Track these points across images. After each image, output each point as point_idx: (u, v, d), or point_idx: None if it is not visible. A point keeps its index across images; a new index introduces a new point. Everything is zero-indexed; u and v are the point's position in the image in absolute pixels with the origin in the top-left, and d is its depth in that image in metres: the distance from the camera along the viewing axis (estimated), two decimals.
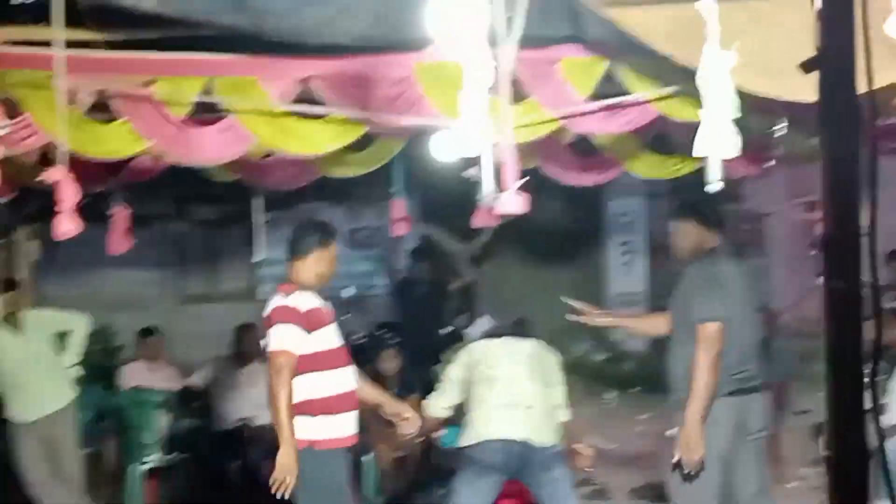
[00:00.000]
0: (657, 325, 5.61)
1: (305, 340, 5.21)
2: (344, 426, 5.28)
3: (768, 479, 5.50)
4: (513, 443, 5.67)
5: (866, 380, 2.19)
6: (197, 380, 9.58)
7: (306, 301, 5.27)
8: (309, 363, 5.23)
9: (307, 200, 12.79)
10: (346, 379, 5.38)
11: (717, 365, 5.11)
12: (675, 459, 5.17)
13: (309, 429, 5.18)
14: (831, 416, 2.20)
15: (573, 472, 5.97)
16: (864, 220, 2.18)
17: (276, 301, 5.24)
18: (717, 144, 5.29)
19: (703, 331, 5.15)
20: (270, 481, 5.07)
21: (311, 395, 5.22)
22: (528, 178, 6.01)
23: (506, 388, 5.78)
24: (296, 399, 5.13)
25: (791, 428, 9.84)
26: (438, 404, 6.04)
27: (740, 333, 5.21)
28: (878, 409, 2.23)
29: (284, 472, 5.02)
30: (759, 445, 5.33)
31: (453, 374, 6.01)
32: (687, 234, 5.49)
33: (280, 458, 5.04)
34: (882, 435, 2.39)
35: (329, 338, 5.34)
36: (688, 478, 5.16)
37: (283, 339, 5.13)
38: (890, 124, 5.74)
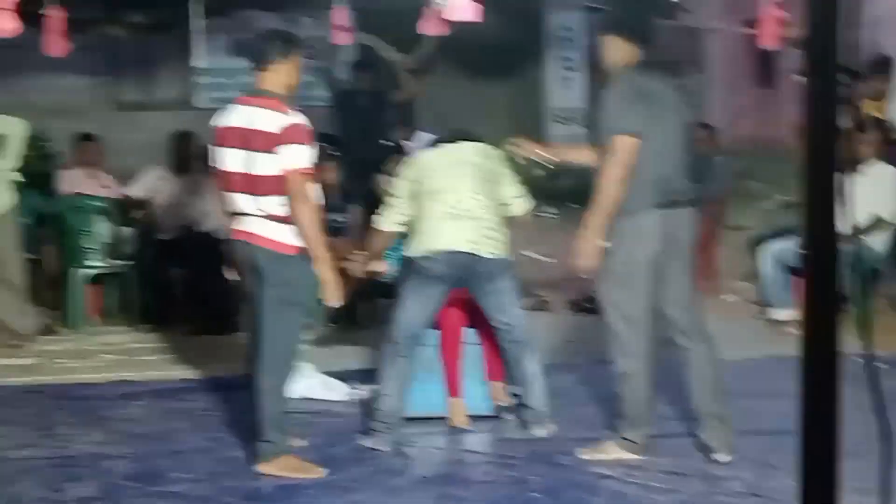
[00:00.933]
0: (588, 154, 5.63)
1: (310, 157, 5.30)
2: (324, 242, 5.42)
3: (696, 291, 5.61)
4: (458, 254, 5.73)
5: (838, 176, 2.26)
6: (137, 191, 9.52)
7: (302, 118, 5.29)
8: None
9: (245, 7, 12.56)
10: (318, 193, 5.47)
11: (624, 179, 5.15)
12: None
13: (300, 236, 5.28)
14: (807, 213, 2.28)
15: (518, 281, 6.06)
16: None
17: (279, 119, 5.21)
18: None
19: (615, 143, 5.19)
20: (322, 300, 5.36)
21: None
22: None
23: (452, 199, 5.81)
24: (287, 212, 5.26)
25: (726, 243, 10.05)
26: (389, 219, 6.07)
27: (666, 147, 5.25)
28: (847, 204, 2.30)
29: (332, 287, 5.29)
30: (686, 258, 5.42)
31: (401, 188, 6.02)
32: (613, 48, 5.47)
33: (323, 276, 5.27)
34: (855, 232, 2.48)
35: (314, 155, 5.38)
36: (619, 290, 5.27)
37: (302, 159, 5.20)
38: None
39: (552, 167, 5.82)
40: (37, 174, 11.41)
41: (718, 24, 18.73)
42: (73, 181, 9.66)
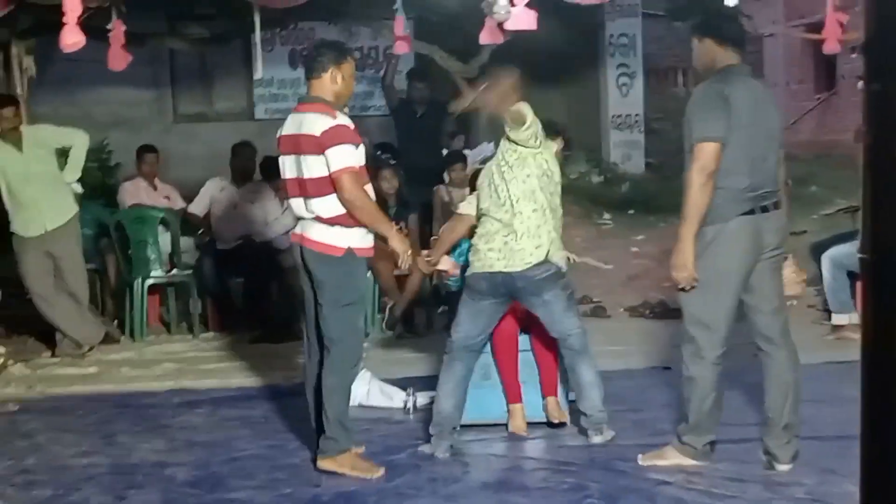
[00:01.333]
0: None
1: (356, 156, 5.40)
2: (370, 237, 5.52)
3: (783, 297, 5.56)
4: (495, 274, 5.75)
5: None
6: (197, 208, 9.62)
7: (349, 121, 5.42)
8: None
9: (303, 18, 12.61)
10: (371, 193, 5.55)
11: (709, 186, 5.10)
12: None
13: (347, 237, 5.41)
14: (868, 218, 2.26)
15: (573, 287, 6.03)
16: None
17: (326, 121, 5.32)
18: None
19: (697, 150, 5.13)
20: (399, 262, 5.59)
21: None
22: None
23: (505, 217, 5.78)
24: (336, 212, 5.38)
25: (787, 248, 9.96)
26: (471, 207, 6.11)
27: (751, 153, 5.19)
28: None
29: (403, 249, 5.54)
30: (777, 263, 5.37)
31: (482, 185, 6.00)
32: (705, 52, 5.44)
33: (393, 244, 5.50)
34: None
35: (362, 154, 5.46)
36: (702, 297, 5.21)
37: (346, 158, 5.32)
38: None
39: (616, 168, 5.74)
40: (98, 185, 11.60)
41: (779, 29, 18.59)
42: (134, 192, 9.78)
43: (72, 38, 5.29)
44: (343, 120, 5.38)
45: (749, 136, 5.15)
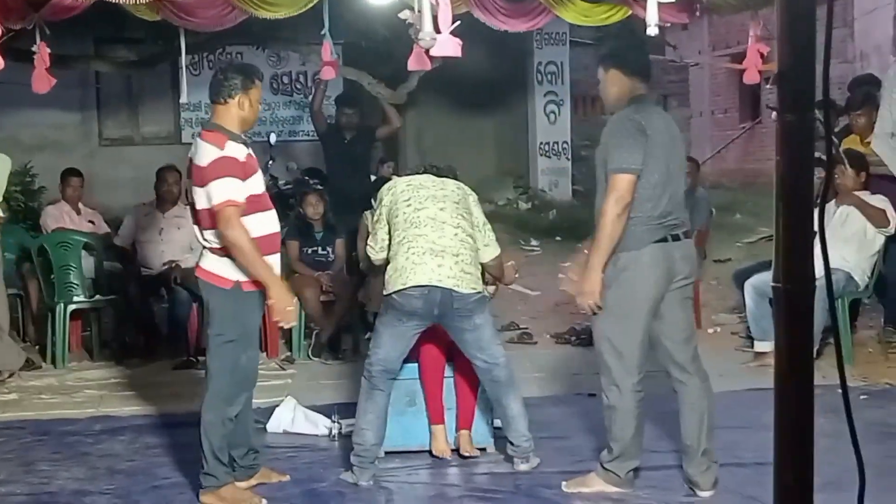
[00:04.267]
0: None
1: (241, 189, 5.23)
2: (269, 265, 5.32)
3: (693, 326, 5.63)
4: (436, 289, 5.68)
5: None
6: (122, 241, 9.52)
7: (239, 151, 5.26)
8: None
9: (231, 43, 12.58)
10: (271, 222, 5.43)
11: (624, 216, 5.15)
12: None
13: (236, 270, 5.25)
14: (781, 247, 2.28)
15: (495, 316, 6.05)
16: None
17: (212, 152, 5.20)
18: None
19: (614, 181, 5.18)
20: (274, 320, 5.34)
21: None
22: (459, 22, 5.99)
23: (433, 235, 5.76)
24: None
25: (711, 276, 10.07)
26: (375, 248, 6.01)
27: (666, 182, 5.25)
28: (824, 241, 2.30)
29: (283, 305, 5.24)
30: (687, 292, 5.43)
31: (379, 214, 5.98)
32: (614, 83, 5.48)
33: (272, 296, 5.20)
34: (828, 265, 2.48)
35: (257, 183, 5.36)
36: (615, 324, 5.25)
37: (227, 192, 5.15)
38: None
39: (543, 195, 5.78)
40: (22, 209, 11.44)
41: (703, 59, 18.84)
42: (58, 216, 9.66)
43: None
44: (232, 151, 5.22)
45: (663, 165, 5.22)
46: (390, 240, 5.87)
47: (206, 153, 5.22)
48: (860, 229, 8.13)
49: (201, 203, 5.24)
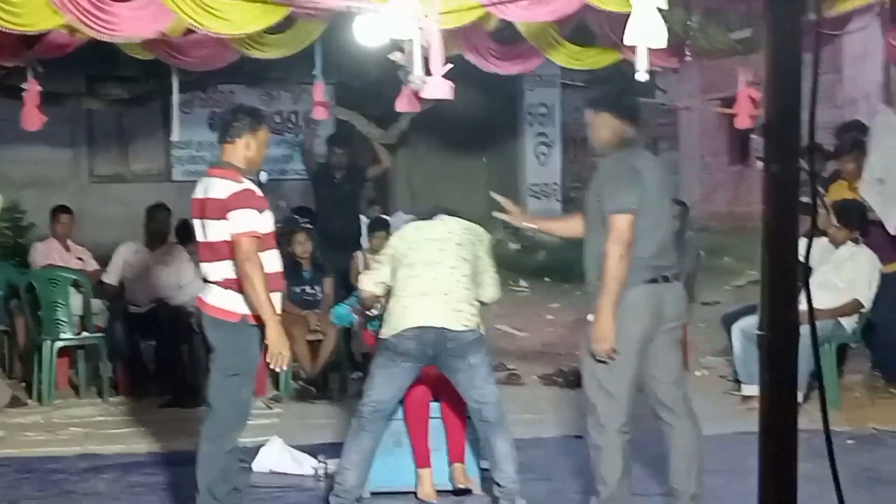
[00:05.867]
0: (574, 227, 5.68)
1: (259, 222, 5.33)
2: (273, 304, 5.37)
3: (682, 368, 5.63)
4: (428, 329, 5.68)
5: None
6: (110, 277, 9.49)
7: (254, 187, 5.38)
8: None
9: (223, 82, 12.63)
10: (276, 261, 5.50)
11: (627, 256, 5.16)
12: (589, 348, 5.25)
13: (243, 303, 5.31)
14: (766, 295, 2.29)
15: (490, 355, 6.03)
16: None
17: (230, 186, 5.29)
18: (647, 34, 5.35)
19: (613, 222, 5.20)
20: (267, 359, 5.29)
21: None
22: (452, 65, 6.02)
23: (428, 276, 5.77)
24: (232, 276, 5.30)
25: (699, 318, 10.07)
26: (370, 280, 6.03)
27: (657, 224, 5.27)
28: (809, 289, 2.31)
29: (278, 348, 5.25)
30: (676, 334, 5.43)
31: (385, 253, 5.99)
32: (603, 126, 5.51)
33: (269, 336, 5.23)
34: (812, 314, 2.50)
35: (268, 221, 5.42)
36: (604, 364, 5.24)
37: (249, 223, 5.26)
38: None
39: (533, 236, 5.80)
40: (11, 245, 11.43)
41: (693, 103, 18.92)
42: (47, 253, 9.63)
43: None
44: (249, 185, 5.35)
45: (656, 206, 5.24)
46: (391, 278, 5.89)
47: (223, 187, 5.31)
48: (853, 279, 8.15)
49: (215, 235, 5.31)
